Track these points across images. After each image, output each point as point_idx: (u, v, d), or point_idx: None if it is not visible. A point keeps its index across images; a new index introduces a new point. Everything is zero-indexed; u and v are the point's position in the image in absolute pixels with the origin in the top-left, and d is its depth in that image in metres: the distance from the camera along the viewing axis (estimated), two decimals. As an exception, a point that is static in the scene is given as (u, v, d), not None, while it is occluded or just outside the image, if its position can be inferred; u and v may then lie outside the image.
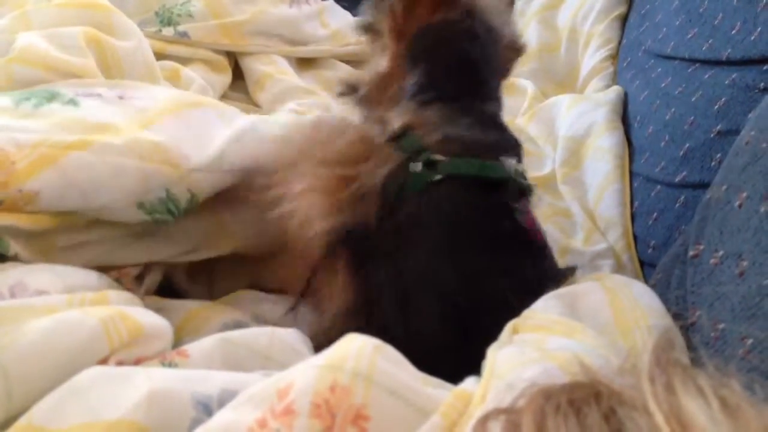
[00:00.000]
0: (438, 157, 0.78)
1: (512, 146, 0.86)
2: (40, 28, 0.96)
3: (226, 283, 0.92)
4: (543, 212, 1.20)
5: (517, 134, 0.88)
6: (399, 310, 0.73)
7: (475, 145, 0.81)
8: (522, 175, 0.82)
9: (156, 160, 0.78)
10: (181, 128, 0.84)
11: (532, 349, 0.56)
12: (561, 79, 1.57)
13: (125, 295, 0.74)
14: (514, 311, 0.68)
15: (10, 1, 1.15)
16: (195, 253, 0.88)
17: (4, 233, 0.71)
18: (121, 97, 0.85)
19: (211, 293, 0.91)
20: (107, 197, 0.75)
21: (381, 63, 0.93)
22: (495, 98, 0.90)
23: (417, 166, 0.78)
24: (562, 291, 0.73)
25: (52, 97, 0.81)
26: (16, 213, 0.71)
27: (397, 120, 0.84)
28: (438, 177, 0.77)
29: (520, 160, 0.85)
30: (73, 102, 0.81)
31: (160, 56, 1.31)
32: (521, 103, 1.51)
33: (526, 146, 1.35)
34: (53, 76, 0.90)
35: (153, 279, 0.85)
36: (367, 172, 0.79)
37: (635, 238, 1.11)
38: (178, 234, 0.86)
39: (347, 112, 0.94)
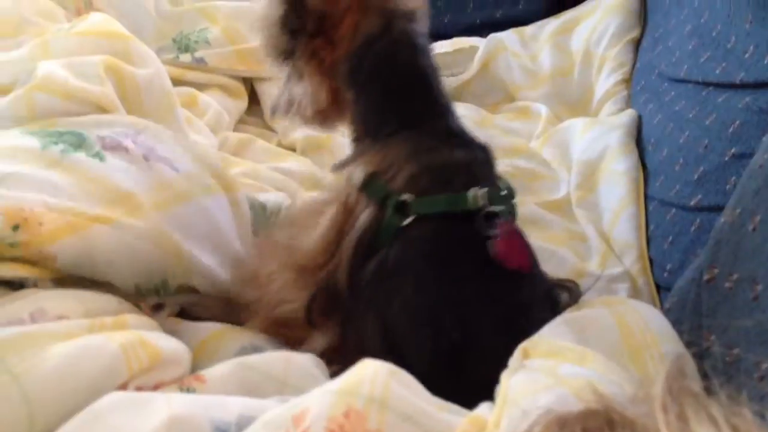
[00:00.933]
0: (406, 197, 0.78)
1: (482, 159, 0.84)
2: (60, 56, 0.98)
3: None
4: (558, 236, 1.20)
5: (481, 140, 0.86)
6: (390, 356, 0.73)
7: (443, 174, 0.80)
8: (496, 196, 0.79)
9: (168, 251, 0.81)
10: (194, 218, 0.87)
11: (545, 376, 0.57)
12: (575, 103, 1.57)
13: (144, 319, 0.75)
14: (501, 344, 0.68)
15: (30, 30, 1.17)
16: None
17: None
18: (146, 158, 0.87)
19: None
20: (114, 274, 0.77)
21: (318, 97, 0.90)
22: (450, 107, 0.87)
23: (384, 216, 0.78)
24: (571, 316, 0.73)
25: (78, 145, 0.83)
26: (29, 266, 0.72)
27: (359, 169, 0.83)
28: (408, 220, 0.77)
29: (491, 170, 0.84)
30: (99, 156, 0.83)
31: (177, 82, 1.33)
32: (535, 127, 1.51)
33: (540, 170, 1.37)
34: (73, 105, 0.91)
35: (171, 309, 0.86)
36: (347, 230, 0.80)
37: (651, 261, 1.11)
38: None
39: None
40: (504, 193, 0.81)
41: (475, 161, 0.82)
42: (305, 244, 0.83)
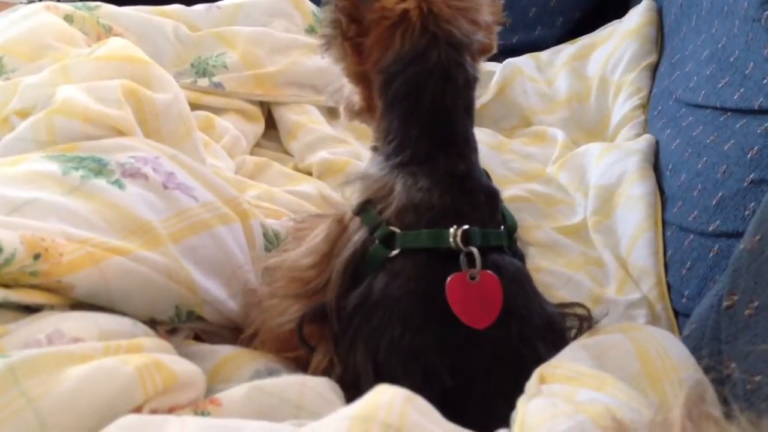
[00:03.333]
0: (394, 229, 0.78)
1: (479, 202, 0.82)
2: (80, 81, 0.99)
3: None
4: (574, 261, 1.19)
5: (492, 187, 0.85)
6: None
7: (427, 213, 0.79)
8: (477, 236, 0.78)
9: (182, 284, 0.82)
10: (209, 248, 0.88)
11: (562, 402, 0.56)
12: (591, 128, 1.57)
13: (159, 342, 0.75)
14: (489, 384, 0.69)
15: (50, 54, 1.18)
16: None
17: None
18: (165, 186, 0.88)
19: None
20: (128, 306, 0.78)
21: (353, 98, 0.92)
22: (466, 148, 0.85)
23: (374, 243, 0.79)
24: (589, 341, 0.73)
25: (99, 171, 0.84)
26: (47, 293, 0.73)
27: (358, 194, 0.84)
28: (394, 252, 0.77)
29: (489, 213, 0.82)
30: (118, 184, 0.84)
31: (195, 106, 1.34)
32: (552, 152, 1.51)
33: (557, 195, 1.36)
34: (92, 128, 0.92)
35: (186, 332, 0.86)
36: (336, 255, 0.81)
37: (669, 287, 1.10)
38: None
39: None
40: (496, 235, 0.81)
41: (469, 204, 0.81)
42: (297, 254, 0.84)
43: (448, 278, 0.75)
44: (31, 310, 0.72)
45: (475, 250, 0.76)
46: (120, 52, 1.06)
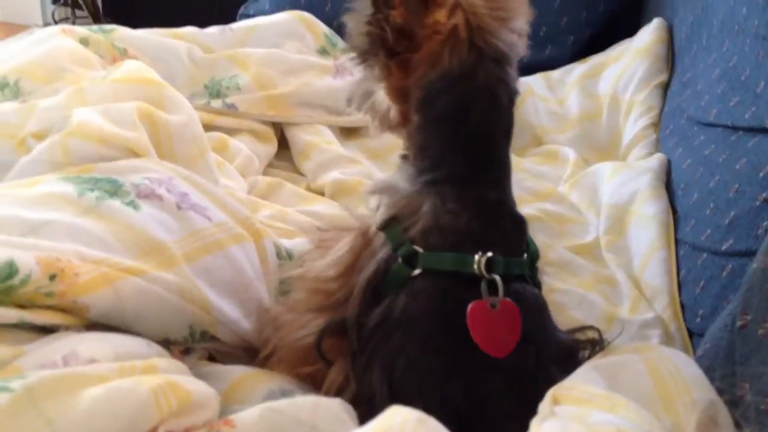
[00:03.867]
0: (417, 249, 0.78)
1: (507, 230, 0.82)
2: (96, 103, 1.00)
3: None
4: (587, 280, 1.19)
5: (520, 216, 0.84)
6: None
7: (453, 236, 0.79)
8: (501, 264, 0.78)
9: (196, 304, 0.83)
10: (223, 268, 0.88)
11: (575, 424, 0.56)
12: (603, 147, 1.57)
13: (173, 363, 0.75)
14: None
15: (67, 77, 1.20)
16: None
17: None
18: (179, 206, 0.89)
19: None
20: (143, 326, 0.79)
21: (387, 113, 0.89)
22: (501, 174, 0.84)
23: (397, 261, 0.78)
24: (602, 362, 0.73)
25: (114, 192, 0.86)
26: (63, 314, 0.74)
27: (384, 209, 0.84)
28: (416, 272, 0.77)
29: (515, 242, 0.82)
30: (133, 205, 0.85)
31: (208, 127, 1.35)
32: (563, 171, 1.51)
33: (569, 214, 1.36)
34: (107, 150, 0.93)
35: (200, 353, 0.87)
36: (359, 269, 0.80)
37: (683, 306, 1.10)
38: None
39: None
40: (519, 263, 0.80)
41: (496, 232, 0.81)
42: (322, 264, 0.84)
43: (469, 306, 0.75)
44: (46, 330, 0.73)
45: (497, 277, 0.76)
46: (135, 74, 1.08)
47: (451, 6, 0.80)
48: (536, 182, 1.46)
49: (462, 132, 0.82)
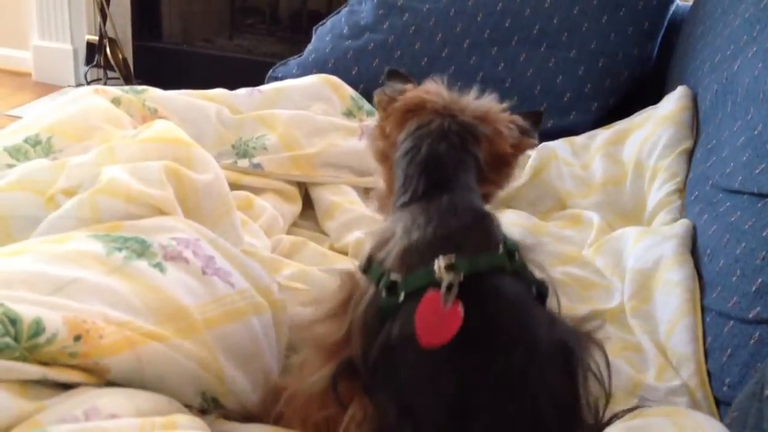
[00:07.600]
0: (395, 277, 0.80)
1: (466, 234, 0.85)
2: (125, 161, 1.02)
3: None
4: (612, 346, 1.17)
5: (482, 209, 0.91)
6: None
7: (428, 249, 0.82)
8: (470, 263, 0.79)
9: (212, 373, 0.83)
10: (240, 338, 0.89)
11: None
12: (627, 212, 1.57)
13: (193, 419, 0.75)
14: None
15: (98, 135, 1.22)
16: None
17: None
18: (204, 271, 0.91)
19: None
20: (158, 390, 0.79)
21: (379, 185, 1.02)
22: (465, 190, 0.92)
23: (382, 293, 0.80)
24: (632, 424, 0.72)
25: (141, 253, 0.87)
26: (84, 373, 0.75)
27: (366, 245, 0.89)
28: (401, 299, 0.79)
29: (483, 236, 0.85)
30: (159, 267, 0.87)
31: (234, 186, 1.37)
32: (587, 235, 1.50)
33: (593, 278, 1.35)
34: (134, 207, 0.95)
35: (216, 413, 0.87)
36: (351, 313, 0.83)
37: (709, 374, 1.08)
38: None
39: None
40: (491, 257, 0.82)
41: (460, 231, 0.85)
42: (318, 318, 0.87)
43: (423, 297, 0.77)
44: (67, 385, 0.73)
45: (449, 279, 0.77)
46: (164, 134, 1.10)
47: None
48: (560, 246, 1.46)
49: (418, 157, 0.94)
